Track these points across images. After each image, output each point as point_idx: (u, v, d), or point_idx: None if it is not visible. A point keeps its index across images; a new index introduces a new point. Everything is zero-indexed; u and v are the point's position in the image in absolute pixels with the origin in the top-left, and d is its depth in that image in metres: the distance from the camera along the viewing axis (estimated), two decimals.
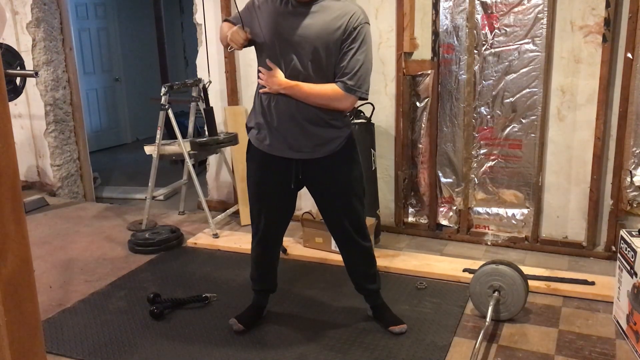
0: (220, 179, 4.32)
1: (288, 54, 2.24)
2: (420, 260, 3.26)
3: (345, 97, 2.23)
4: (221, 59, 3.98)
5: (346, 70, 2.21)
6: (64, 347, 2.52)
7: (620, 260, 2.51)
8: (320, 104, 2.26)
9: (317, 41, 2.20)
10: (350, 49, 2.20)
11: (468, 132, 3.43)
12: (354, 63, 2.21)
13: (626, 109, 3.06)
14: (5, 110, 1.15)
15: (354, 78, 2.22)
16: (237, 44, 2.29)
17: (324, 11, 2.22)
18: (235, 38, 2.28)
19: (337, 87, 2.23)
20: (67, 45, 4.75)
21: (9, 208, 1.16)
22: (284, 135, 2.31)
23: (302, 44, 2.21)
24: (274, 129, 2.32)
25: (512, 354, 2.38)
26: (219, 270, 3.28)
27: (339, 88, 2.23)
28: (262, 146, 2.37)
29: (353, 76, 2.21)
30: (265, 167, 2.41)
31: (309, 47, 2.21)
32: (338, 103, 2.26)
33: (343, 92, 2.23)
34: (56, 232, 3.99)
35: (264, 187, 2.43)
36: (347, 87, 2.22)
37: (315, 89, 2.24)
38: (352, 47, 2.20)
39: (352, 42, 2.20)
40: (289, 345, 2.49)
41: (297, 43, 2.22)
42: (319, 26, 2.20)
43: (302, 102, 2.25)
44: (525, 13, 3.18)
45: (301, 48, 2.22)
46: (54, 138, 4.75)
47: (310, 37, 2.20)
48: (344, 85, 2.22)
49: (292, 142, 2.31)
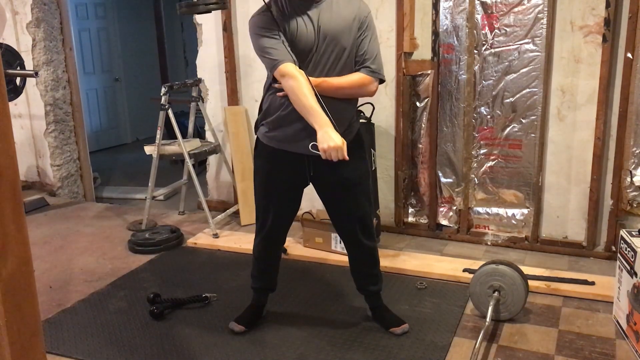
0: (220, 179, 4.32)
1: (309, 53, 2.24)
2: (420, 260, 3.26)
3: (372, 81, 2.31)
4: (221, 58, 3.98)
5: (366, 56, 2.29)
6: (64, 347, 2.52)
7: (620, 260, 2.51)
8: (350, 94, 2.32)
9: (342, 35, 2.24)
10: (365, 36, 2.29)
11: (468, 132, 3.43)
12: (372, 48, 2.30)
13: (626, 109, 3.06)
14: (5, 110, 1.15)
15: (376, 62, 2.31)
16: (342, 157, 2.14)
17: (334, 5, 2.26)
18: (332, 154, 2.12)
19: (362, 74, 2.29)
20: (67, 45, 4.75)
21: (9, 208, 1.16)
22: (298, 132, 2.28)
23: (328, 39, 2.23)
24: (292, 127, 2.29)
25: (512, 354, 2.38)
26: (219, 270, 3.28)
27: (364, 74, 2.29)
28: (274, 143, 2.36)
29: (375, 60, 2.30)
30: (275, 163, 2.40)
31: (335, 41, 2.24)
32: (367, 89, 2.32)
33: (370, 77, 2.30)
34: (56, 232, 3.99)
35: (273, 183, 2.43)
36: (371, 72, 2.30)
37: (343, 80, 2.27)
38: (367, 35, 2.29)
39: (367, 29, 2.29)
40: (289, 345, 2.49)
41: (318, 41, 2.23)
42: (339, 20, 2.24)
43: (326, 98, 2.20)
44: (525, 13, 3.17)
45: (327, 43, 2.23)
46: (54, 138, 4.75)
47: (334, 31, 2.23)
48: (369, 70, 2.29)
49: (305, 138, 2.26)
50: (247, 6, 3.79)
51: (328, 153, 2.11)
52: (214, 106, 4.17)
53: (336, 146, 2.10)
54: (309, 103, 2.14)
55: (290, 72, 2.17)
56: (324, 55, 2.25)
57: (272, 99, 2.34)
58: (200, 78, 4.14)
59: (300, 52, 2.23)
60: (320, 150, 2.12)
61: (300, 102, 2.17)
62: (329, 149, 2.10)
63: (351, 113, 2.39)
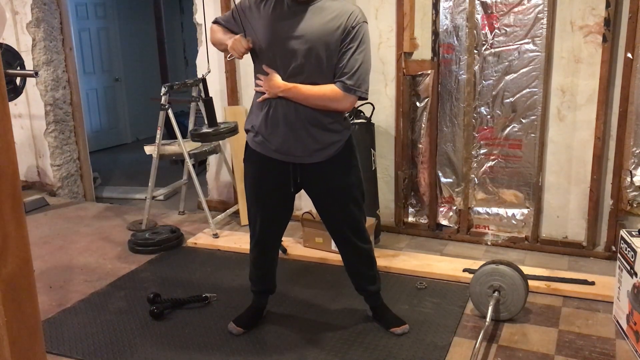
0: (220, 179, 4.32)
1: (286, 56, 2.21)
2: (420, 260, 3.26)
3: (344, 97, 2.21)
4: (221, 58, 3.98)
5: (345, 70, 2.19)
6: (64, 347, 2.52)
7: (620, 260, 2.51)
8: (319, 105, 2.24)
9: (318, 42, 2.17)
10: (349, 48, 2.18)
11: (468, 132, 3.43)
12: (352, 62, 2.18)
13: (626, 109, 3.06)
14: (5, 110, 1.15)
15: (353, 78, 2.19)
16: (238, 53, 2.29)
17: (321, 11, 2.19)
18: (237, 47, 2.27)
19: (336, 87, 2.21)
20: (67, 45, 4.75)
21: (9, 208, 1.16)
22: (282, 139, 2.28)
23: (302, 45, 2.18)
24: (272, 133, 2.30)
25: (512, 354, 2.38)
26: (219, 270, 3.28)
27: (338, 88, 2.20)
28: (260, 149, 2.35)
29: (352, 76, 2.19)
30: (262, 169, 2.39)
31: (309, 48, 2.18)
32: (337, 103, 2.23)
33: (342, 92, 2.20)
34: (56, 232, 3.99)
35: (261, 189, 2.42)
36: (346, 87, 2.20)
37: (314, 89, 2.21)
38: (350, 47, 2.18)
39: (351, 41, 2.18)
40: (289, 345, 2.49)
41: (296, 45, 2.19)
42: (318, 26, 2.18)
43: (301, 105, 2.23)
44: (525, 13, 3.17)
45: (301, 50, 2.18)
46: (54, 138, 4.75)
47: (311, 38, 2.18)
48: (343, 85, 2.20)
49: (290, 145, 2.28)
50: None
51: (230, 48, 2.29)
52: (214, 106, 4.16)
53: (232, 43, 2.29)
54: (218, 37, 2.42)
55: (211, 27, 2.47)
56: (302, 61, 2.20)
57: (253, 104, 2.37)
58: (200, 78, 4.13)
59: (281, 55, 2.22)
60: (229, 50, 2.31)
61: (216, 38, 2.43)
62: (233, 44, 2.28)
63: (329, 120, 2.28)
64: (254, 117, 2.37)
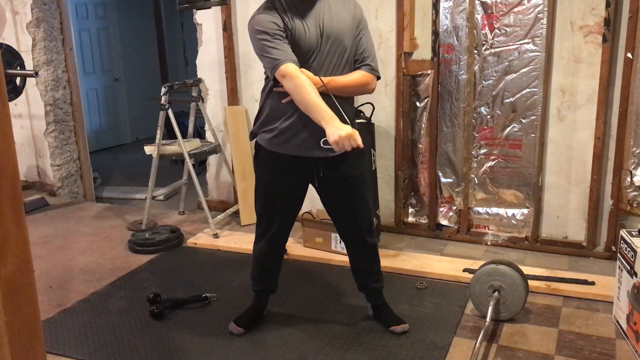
0: (220, 179, 4.32)
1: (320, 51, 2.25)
2: (420, 260, 3.26)
3: (373, 79, 2.36)
4: (221, 58, 3.98)
5: (366, 54, 2.34)
6: (64, 347, 2.52)
7: (620, 260, 2.51)
8: (354, 93, 2.40)
9: (344, 34, 2.27)
10: (364, 35, 2.34)
11: (468, 132, 3.43)
12: (369, 47, 2.35)
13: (626, 109, 3.06)
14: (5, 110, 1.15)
15: (374, 60, 2.36)
16: (341, 148, 2.09)
17: (332, 5, 2.28)
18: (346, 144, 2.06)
19: (364, 72, 2.33)
20: (67, 45, 4.75)
21: (9, 208, 1.16)
22: (310, 136, 2.26)
23: (332, 39, 2.25)
24: (300, 131, 2.27)
25: (512, 354, 2.38)
26: (219, 270, 3.28)
27: (366, 72, 2.33)
28: (282, 149, 2.32)
29: (373, 58, 2.36)
30: (283, 169, 2.37)
31: (338, 41, 2.26)
32: (369, 87, 2.37)
33: (371, 74, 2.34)
34: (56, 232, 3.99)
35: (279, 189, 2.41)
36: (372, 69, 2.34)
37: (348, 78, 2.30)
38: (364, 33, 2.34)
39: (363, 28, 2.35)
40: (289, 345, 2.49)
41: (327, 39, 2.24)
42: (339, 20, 2.27)
43: (331, 99, 2.18)
44: (525, 13, 3.17)
45: (331, 43, 2.25)
46: (54, 138, 4.75)
47: (337, 32, 2.25)
48: (370, 68, 2.34)
49: (315, 141, 2.24)
50: (247, 6, 3.79)
51: (341, 144, 2.05)
52: (214, 106, 4.17)
53: (347, 135, 2.05)
54: (314, 100, 2.12)
55: (291, 72, 2.13)
56: (328, 55, 2.26)
57: (273, 105, 2.31)
58: (200, 78, 4.14)
59: (304, 53, 2.23)
60: (332, 144, 2.07)
61: (304, 100, 2.14)
62: (341, 139, 2.05)
63: (352, 111, 2.42)
64: (273, 118, 2.31)
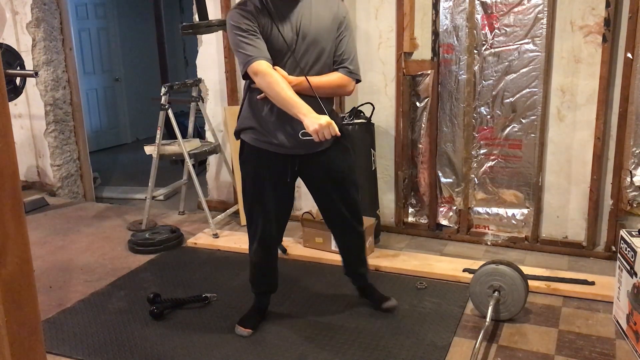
0: (220, 179, 4.32)
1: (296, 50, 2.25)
2: (420, 260, 3.26)
3: (350, 82, 2.35)
4: (221, 58, 3.98)
5: (344, 56, 2.32)
6: (64, 347, 2.52)
7: (620, 260, 2.51)
8: (329, 94, 2.36)
9: (321, 35, 2.26)
10: (344, 36, 2.33)
11: (468, 132, 3.43)
12: (349, 49, 2.34)
13: (626, 109, 3.06)
14: (5, 110, 1.15)
15: (353, 63, 2.35)
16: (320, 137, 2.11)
17: (314, 5, 2.27)
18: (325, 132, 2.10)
19: (341, 74, 2.32)
20: (67, 45, 4.75)
21: (9, 208, 1.16)
22: (287, 133, 2.30)
23: (308, 39, 2.25)
24: (276, 128, 2.31)
25: (512, 354, 2.38)
26: (219, 270, 3.28)
27: (343, 75, 2.32)
28: (262, 145, 2.36)
29: (352, 61, 2.34)
30: (262, 165, 2.41)
31: (315, 41, 2.25)
32: (345, 89, 2.37)
33: (348, 77, 2.33)
34: (56, 232, 3.99)
35: (263, 186, 2.43)
36: (350, 72, 2.34)
37: (323, 79, 2.29)
38: (345, 35, 2.33)
39: (345, 30, 2.33)
40: (289, 345, 2.49)
41: (303, 39, 2.24)
42: (319, 20, 2.26)
43: (305, 97, 2.20)
44: (525, 13, 3.17)
45: (307, 43, 2.25)
46: (54, 138, 4.75)
47: (315, 32, 2.25)
48: (347, 70, 2.33)
49: (295, 138, 2.28)
50: None
51: (320, 133, 2.09)
52: (214, 106, 4.17)
53: (325, 123, 2.08)
54: (287, 95, 2.14)
55: (263, 69, 2.15)
56: (304, 55, 2.26)
57: (252, 101, 2.35)
58: (200, 78, 4.14)
59: (278, 51, 2.23)
60: (312, 133, 2.10)
61: (279, 97, 2.15)
62: (321, 127, 2.08)
63: (330, 107, 2.40)
64: (251, 115, 2.37)
